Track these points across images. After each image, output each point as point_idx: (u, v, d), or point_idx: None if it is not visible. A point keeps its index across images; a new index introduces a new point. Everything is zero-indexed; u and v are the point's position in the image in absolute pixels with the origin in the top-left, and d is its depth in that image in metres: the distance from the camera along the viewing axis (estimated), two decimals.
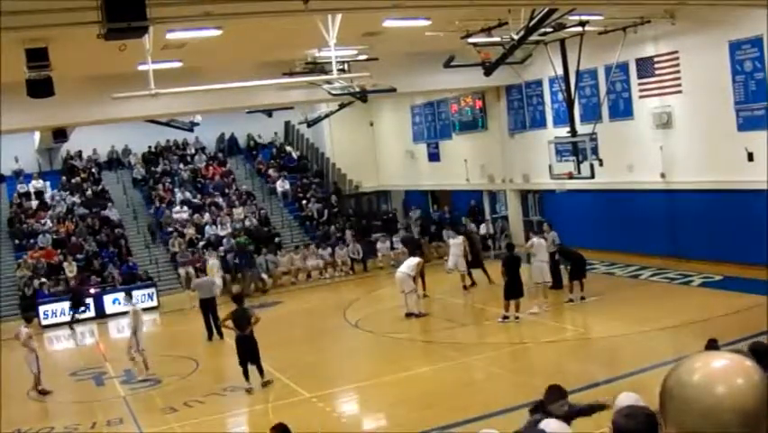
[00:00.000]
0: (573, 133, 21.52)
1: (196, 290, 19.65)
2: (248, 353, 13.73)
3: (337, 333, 18.88)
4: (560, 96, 23.46)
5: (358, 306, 21.37)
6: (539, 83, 25.40)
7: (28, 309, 23.26)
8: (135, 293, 24.42)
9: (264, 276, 25.78)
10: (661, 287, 19.31)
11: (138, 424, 12.83)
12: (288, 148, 35.83)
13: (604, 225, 23.78)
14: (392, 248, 27.81)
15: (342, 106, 29.19)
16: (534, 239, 18.65)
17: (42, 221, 28.33)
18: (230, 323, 14.13)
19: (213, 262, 25.01)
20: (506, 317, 17.18)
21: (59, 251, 26.55)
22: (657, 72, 21.17)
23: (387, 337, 17.57)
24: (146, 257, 27.63)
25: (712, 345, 8.70)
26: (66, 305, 23.40)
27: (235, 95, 20.65)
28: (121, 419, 13.17)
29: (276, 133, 36.20)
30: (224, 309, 16.41)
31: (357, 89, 20.73)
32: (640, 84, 21.80)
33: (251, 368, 13.81)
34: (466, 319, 18.10)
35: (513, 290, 17.08)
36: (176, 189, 31.18)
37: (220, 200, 30.88)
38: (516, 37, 17.32)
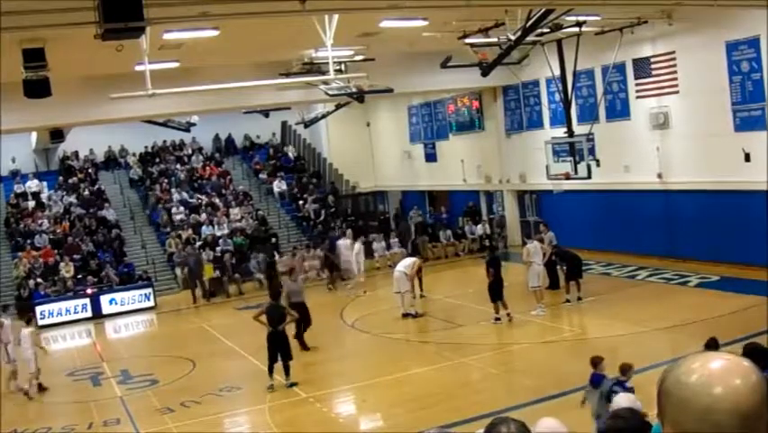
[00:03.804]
0: (570, 133, 21.53)
1: (290, 294, 16.57)
2: (277, 349, 13.85)
3: (334, 333, 18.85)
4: (557, 97, 23.47)
5: (355, 306, 21.36)
6: (536, 83, 25.43)
7: (24, 310, 23.29)
8: (134, 293, 24.46)
9: (261, 276, 25.76)
10: (658, 287, 19.32)
11: (135, 424, 12.82)
12: (285, 148, 35.82)
13: (601, 226, 23.80)
14: (389, 248, 27.76)
15: (339, 107, 29.21)
16: (529, 245, 18.67)
17: (39, 221, 28.29)
18: (263, 318, 14.13)
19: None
20: (497, 319, 17.24)
21: (56, 251, 26.53)
22: (654, 73, 21.20)
23: (383, 338, 17.56)
24: (143, 257, 27.60)
25: (712, 345, 8.72)
26: (63, 305, 23.38)
27: (232, 95, 20.65)
28: (118, 420, 13.16)
29: (273, 134, 36.20)
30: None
31: (354, 90, 20.68)
32: (637, 84, 21.83)
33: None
34: (463, 320, 18.07)
35: (497, 290, 17.16)
36: (173, 190, 31.14)
37: (217, 200, 30.86)
38: (513, 37, 17.32)
